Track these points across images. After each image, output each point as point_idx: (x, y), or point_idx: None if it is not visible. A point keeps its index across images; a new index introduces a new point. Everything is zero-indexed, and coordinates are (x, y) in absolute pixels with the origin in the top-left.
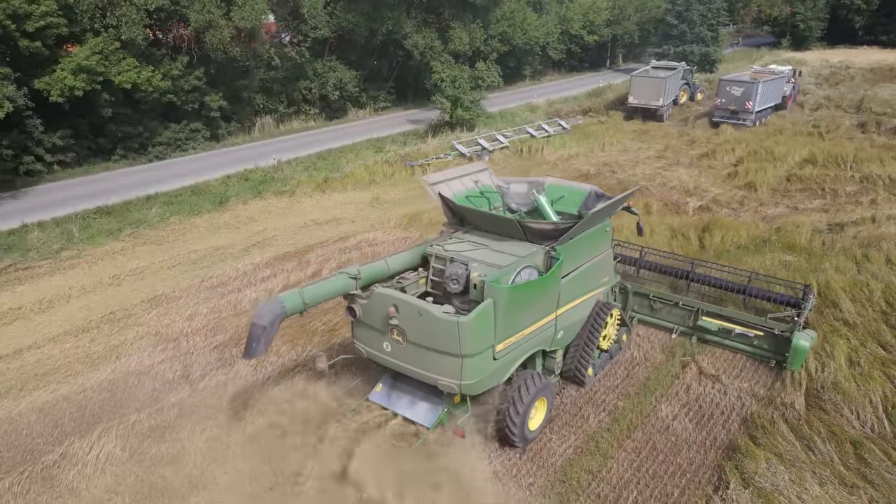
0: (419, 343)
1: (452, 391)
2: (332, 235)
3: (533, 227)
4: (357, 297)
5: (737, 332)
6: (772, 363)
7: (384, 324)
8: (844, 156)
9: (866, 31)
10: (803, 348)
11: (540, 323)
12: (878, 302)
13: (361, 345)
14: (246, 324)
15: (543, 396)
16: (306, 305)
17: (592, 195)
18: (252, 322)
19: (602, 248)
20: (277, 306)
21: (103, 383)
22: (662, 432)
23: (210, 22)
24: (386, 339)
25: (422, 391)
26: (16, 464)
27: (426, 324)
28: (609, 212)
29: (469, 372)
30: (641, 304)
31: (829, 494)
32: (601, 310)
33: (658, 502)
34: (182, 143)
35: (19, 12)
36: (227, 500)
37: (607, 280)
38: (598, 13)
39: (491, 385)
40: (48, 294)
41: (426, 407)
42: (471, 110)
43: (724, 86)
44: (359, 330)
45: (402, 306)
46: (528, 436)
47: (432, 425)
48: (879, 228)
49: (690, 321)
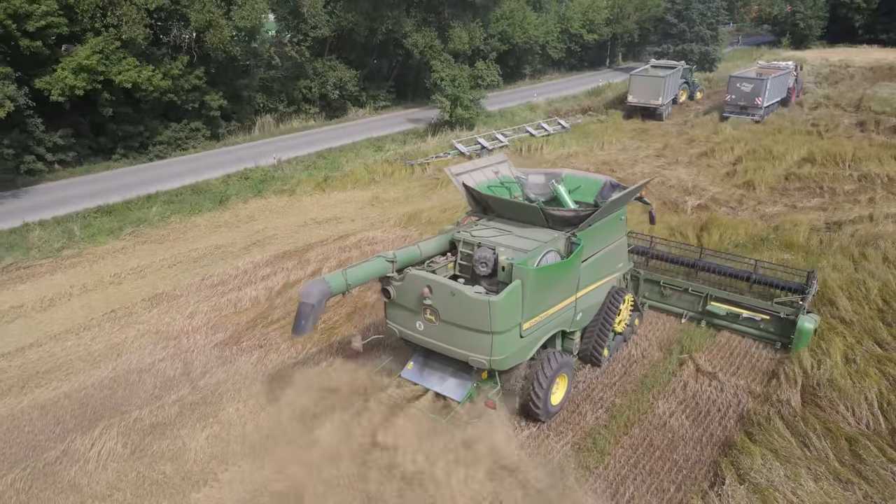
0: (451, 321)
1: (482, 366)
2: (331, 234)
3: (555, 214)
4: (392, 279)
5: (744, 317)
6: (777, 345)
7: (418, 304)
8: (843, 154)
9: (866, 29)
10: (808, 330)
11: (562, 304)
12: (875, 300)
13: (395, 325)
14: (246, 321)
15: (564, 373)
16: (349, 286)
17: (607, 185)
18: (300, 301)
19: (617, 236)
20: (324, 286)
21: (104, 381)
22: (659, 429)
23: (210, 21)
24: (419, 318)
25: (451, 368)
26: (18, 460)
27: (458, 303)
28: (625, 200)
29: (498, 348)
30: (652, 291)
31: (824, 490)
32: (616, 294)
33: (655, 498)
34: (182, 142)
35: (20, 12)
36: (227, 497)
37: (622, 266)
38: (598, 12)
39: (517, 361)
40: (49, 292)
41: (456, 382)
42: (470, 109)
43: (734, 82)
44: (392, 311)
45: (436, 287)
46: (550, 410)
47: (463, 399)
48: (877, 227)
49: (699, 306)
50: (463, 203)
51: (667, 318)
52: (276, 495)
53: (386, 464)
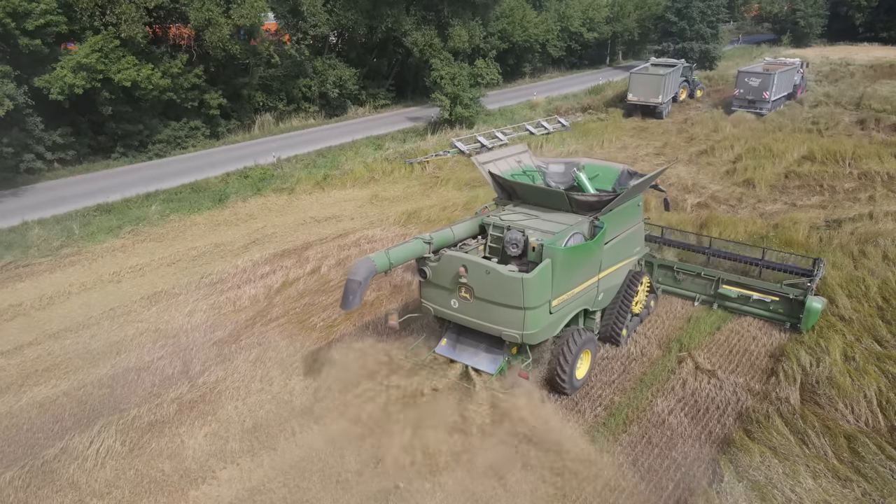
0: (486, 298)
1: (515, 340)
2: (331, 232)
3: (579, 199)
4: (428, 260)
5: (755, 299)
6: (787, 325)
7: (453, 283)
8: (843, 152)
9: (867, 27)
10: (816, 310)
11: (586, 283)
12: (874, 298)
13: (429, 303)
14: (244, 320)
15: (588, 349)
16: (391, 265)
17: (625, 173)
18: (348, 278)
19: (635, 221)
20: (370, 264)
21: (103, 379)
22: (658, 427)
23: (209, 20)
24: (454, 296)
25: (484, 343)
26: (16, 458)
27: (493, 281)
28: (643, 187)
29: (530, 323)
30: (666, 276)
31: (823, 487)
32: (634, 277)
33: (653, 496)
34: (182, 140)
35: (19, 10)
36: (226, 494)
37: (639, 250)
38: (598, 10)
39: (547, 336)
40: (48, 291)
41: (488, 357)
42: (470, 108)
43: (743, 77)
44: (427, 290)
45: (472, 266)
46: (575, 384)
47: (496, 372)
48: (877, 225)
49: (711, 290)
50: (461, 201)
51: (666, 317)
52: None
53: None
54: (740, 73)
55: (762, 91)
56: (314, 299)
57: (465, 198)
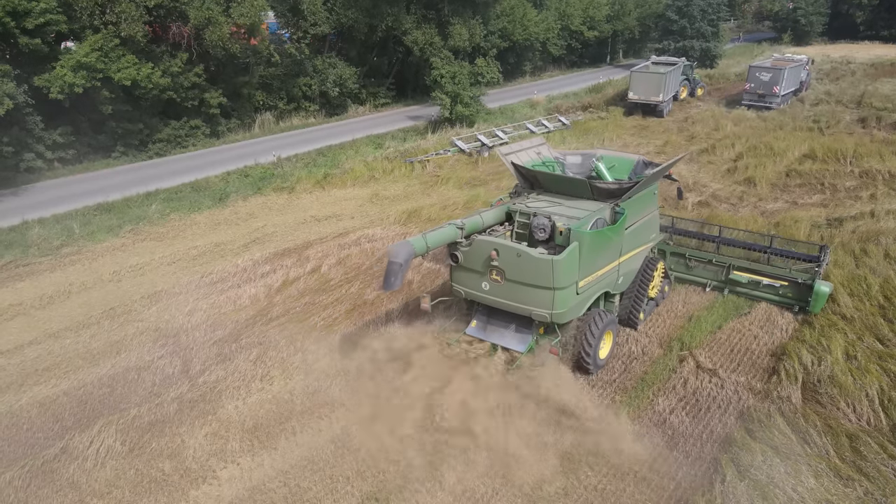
0: (516, 280)
1: (544, 320)
2: (331, 231)
3: (601, 186)
4: (460, 245)
5: (764, 284)
6: (795, 308)
7: (484, 266)
8: (844, 151)
9: (868, 26)
10: (824, 293)
11: (609, 266)
12: (876, 296)
13: (460, 287)
14: (245, 319)
15: (610, 330)
16: (428, 248)
17: (640, 163)
18: (389, 261)
19: (651, 208)
20: (409, 247)
21: (103, 378)
22: (659, 426)
23: (209, 18)
24: (485, 279)
25: (513, 324)
26: (16, 458)
27: (524, 263)
28: (659, 175)
29: (559, 302)
30: (678, 263)
31: (825, 487)
32: (650, 262)
33: (655, 494)
34: (182, 139)
35: (19, 9)
36: (226, 494)
37: (654, 237)
38: (598, 9)
39: (574, 316)
40: (48, 290)
41: (518, 336)
42: (470, 106)
43: (754, 72)
44: (458, 274)
45: (503, 250)
46: (599, 363)
47: (525, 350)
48: (878, 223)
49: (723, 276)
50: (462, 200)
51: (667, 316)
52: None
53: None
54: (751, 69)
55: (773, 85)
56: (314, 298)
57: (465, 197)
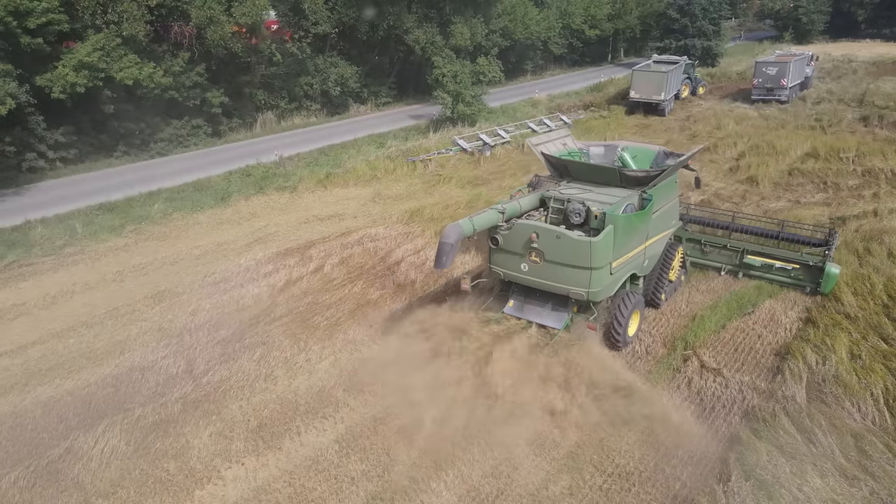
0: (555, 261)
1: (581, 298)
2: (333, 231)
3: (630, 174)
4: (500, 229)
5: (777, 267)
6: (807, 290)
7: (524, 248)
8: (847, 149)
9: (869, 24)
10: (834, 274)
11: (638, 249)
12: (880, 295)
13: (499, 268)
14: (248, 319)
15: (638, 309)
16: (475, 230)
17: (661, 153)
18: (441, 241)
19: (673, 196)
20: (459, 229)
21: (107, 378)
22: (664, 425)
23: (211, 18)
24: (524, 260)
25: (549, 303)
26: (21, 458)
27: (563, 245)
28: (682, 164)
29: (595, 281)
30: (693, 249)
31: (830, 486)
32: (671, 247)
33: (660, 494)
34: (184, 139)
35: (21, 9)
36: (231, 494)
37: (675, 223)
38: (600, 7)
39: (607, 295)
40: (51, 290)
41: (554, 314)
42: (472, 105)
43: (761, 66)
44: (497, 256)
45: (543, 233)
46: (627, 340)
47: (562, 327)
48: (881, 222)
49: (737, 260)
50: (464, 199)
51: (671, 315)
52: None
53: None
54: (758, 64)
55: (780, 78)
56: (318, 298)
57: (467, 196)
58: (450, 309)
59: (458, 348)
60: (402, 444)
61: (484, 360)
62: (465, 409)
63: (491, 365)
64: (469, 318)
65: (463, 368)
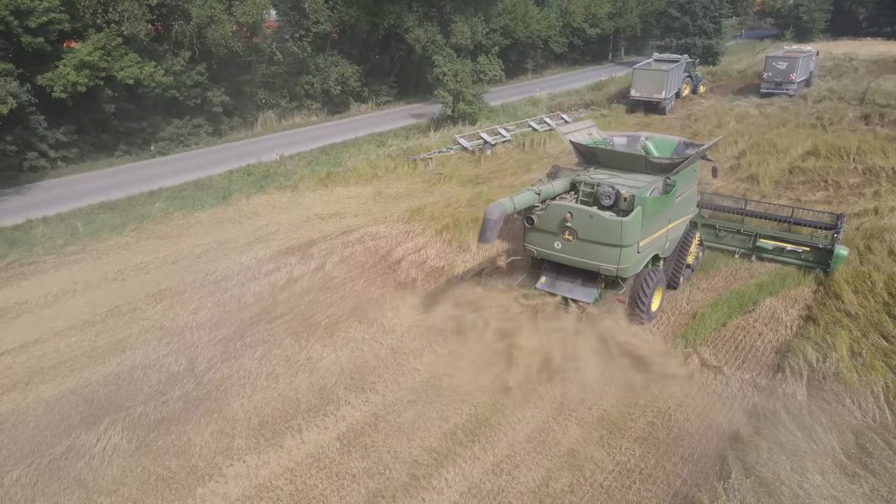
0: (587, 239)
1: (611, 273)
2: (334, 229)
3: (655, 161)
4: (535, 209)
5: (788, 249)
6: (816, 270)
7: (558, 227)
8: (847, 148)
9: (870, 22)
10: (843, 255)
11: (662, 230)
12: (881, 293)
13: (533, 247)
14: (249, 317)
15: (660, 287)
16: (516, 209)
17: (681, 143)
18: (485, 218)
19: (692, 183)
20: (502, 207)
21: (109, 376)
22: (665, 422)
23: (212, 17)
24: (557, 239)
25: (580, 279)
26: (23, 456)
27: (595, 224)
28: (701, 154)
29: (624, 258)
30: (708, 234)
31: (831, 483)
32: (689, 232)
33: (661, 491)
34: (185, 138)
35: (22, 8)
36: (233, 492)
37: (693, 209)
38: (600, 6)
39: (634, 272)
40: (53, 289)
41: (585, 290)
42: (473, 104)
43: (770, 61)
44: (531, 235)
45: (577, 213)
46: (651, 315)
47: (592, 301)
48: (882, 220)
49: (750, 244)
50: (465, 197)
51: (671, 313)
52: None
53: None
54: (768, 59)
55: (789, 73)
56: (319, 296)
57: (468, 194)
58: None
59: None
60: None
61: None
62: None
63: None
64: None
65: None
